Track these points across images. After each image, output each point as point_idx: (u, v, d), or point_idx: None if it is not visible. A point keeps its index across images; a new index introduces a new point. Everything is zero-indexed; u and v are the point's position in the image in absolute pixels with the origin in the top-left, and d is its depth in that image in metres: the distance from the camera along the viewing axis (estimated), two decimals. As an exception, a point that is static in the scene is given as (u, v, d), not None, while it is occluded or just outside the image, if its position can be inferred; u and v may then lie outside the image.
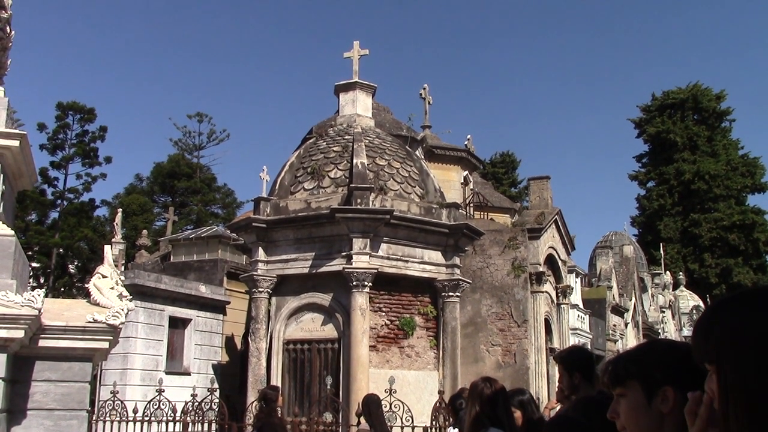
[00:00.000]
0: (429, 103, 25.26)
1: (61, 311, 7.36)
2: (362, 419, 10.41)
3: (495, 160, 59.18)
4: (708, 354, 1.50)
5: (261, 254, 16.35)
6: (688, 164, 59.22)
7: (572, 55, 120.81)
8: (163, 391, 13.88)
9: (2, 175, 7.44)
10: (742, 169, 59.74)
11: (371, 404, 10.37)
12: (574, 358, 5.14)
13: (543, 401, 17.80)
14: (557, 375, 5.37)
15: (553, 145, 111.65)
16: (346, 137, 17.35)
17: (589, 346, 27.11)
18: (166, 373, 18.13)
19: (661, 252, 50.87)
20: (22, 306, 6.43)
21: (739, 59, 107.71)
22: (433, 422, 12.90)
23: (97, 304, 7.43)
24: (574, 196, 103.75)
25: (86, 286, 7.94)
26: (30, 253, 34.08)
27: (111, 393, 13.99)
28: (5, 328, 6.40)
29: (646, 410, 1.97)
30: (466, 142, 25.97)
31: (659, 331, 39.85)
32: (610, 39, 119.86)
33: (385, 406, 12.07)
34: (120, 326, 7.29)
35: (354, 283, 15.17)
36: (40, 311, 6.58)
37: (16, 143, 7.36)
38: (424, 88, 25.14)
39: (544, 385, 19.50)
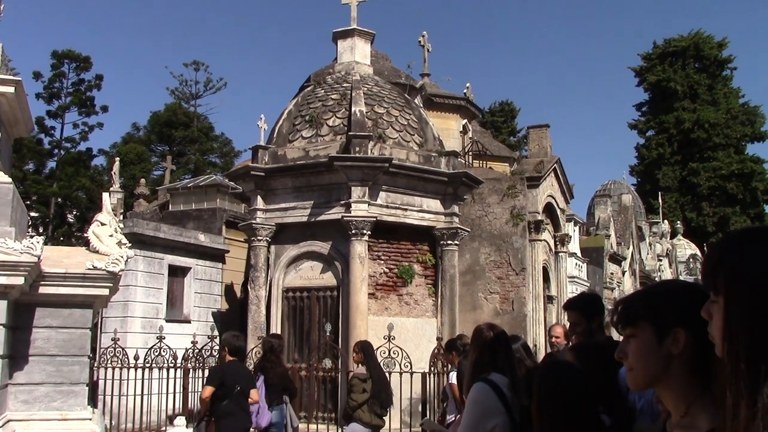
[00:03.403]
0: (428, 50, 24.98)
1: (61, 258, 7.38)
2: (359, 364, 10.53)
3: (494, 109, 58.82)
4: (716, 283, 1.50)
5: (259, 203, 16.33)
6: (688, 113, 58.92)
7: (572, 2, 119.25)
8: (164, 339, 14.01)
9: (-2, 122, 7.39)
10: (742, 118, 59.49)
11: (368, 349, 10.49)
12: (590, 303, 5.28)
13: (540, 348, 17.99)
14: (554, 321, 5.55)
15: (553, 93, 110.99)
16: (345, 85, 17.19)
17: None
18: (167, 321, 18.25)
19: (660, 201, 50.96)
20: (22, 253, 6.43)
21: (741, 6, 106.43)
22: (432, 368, 13.06)
23: (97, 252, 7.45)
24: (573, 144, 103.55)
25: (85, 235, 7.95)
26: (28, 202, 34.08)
27: (112, 340, 14.12)
28: (5, 275, 6.41)
29: (656, 351, 1.97)
30: (465, 91, 25.77)
31: (656, 279, 40.11)
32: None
33: (384, 353, 12.21)
34: (119, 273, 7.32)
35: (353, 231, 15.19)
36: (39, 258, 6.59)
37: (11, 90, 7.29)
38: (423, 36, 24.83)
39: (541, 332, 19.66)
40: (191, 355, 14.20)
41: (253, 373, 10.98)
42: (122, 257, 7.34)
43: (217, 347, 14.26)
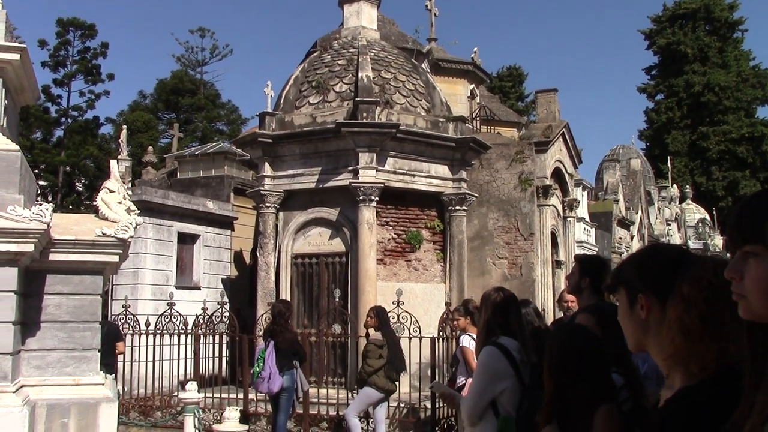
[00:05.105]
0: (435, 15, 24.74)
1: (70, 225, 7.39)
2: (372, 330, 10.61)
3: (502, 74, 58.31)
4: (761, 234, 1.45)
5: (267, 169, 16.30)
6: (698, 76, 58.33)
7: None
8: (174, 305, 14.10)
9: (3, 90, 7.36)
10: (752, 81, 58.90)
11: (383, 315, 10.56)
12: (592, 264, 5.22)
13: (548, 312, 18.04)
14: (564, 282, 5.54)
15: (561, 57, 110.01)
16: (351, 50, 17.05)
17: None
18: (177, 288, 18.37)
19: (669, 165, 50.68)
20: (31, 220, 6.45)
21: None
22: (441, 333, 13.12)
23: (106, 219, 7.46)
24: (581, 109, 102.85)
25: (94, 203, 7.96)
26: (36, 171, 34.16)
27: (123, 307, 14.23)
28: (15, 242, 6.44)
29: (630, 317, 2.02)
30: (472, 55, 25.55)
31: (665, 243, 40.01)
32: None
33: (394, 318, 12.27)
34: (129, 240, 7.33)
35: (361, 197, 15.17)
36: (49, 225, 6.61)
37: (16, 57, 7.25)
38: (430, 0, 24.58)
39: (549, 297, 19.70)
40: (201, 322, 14.30)
41: (263, 339, 11.08)
42: (131, 224, 7.35)
43: (227, 314, 14.40)
